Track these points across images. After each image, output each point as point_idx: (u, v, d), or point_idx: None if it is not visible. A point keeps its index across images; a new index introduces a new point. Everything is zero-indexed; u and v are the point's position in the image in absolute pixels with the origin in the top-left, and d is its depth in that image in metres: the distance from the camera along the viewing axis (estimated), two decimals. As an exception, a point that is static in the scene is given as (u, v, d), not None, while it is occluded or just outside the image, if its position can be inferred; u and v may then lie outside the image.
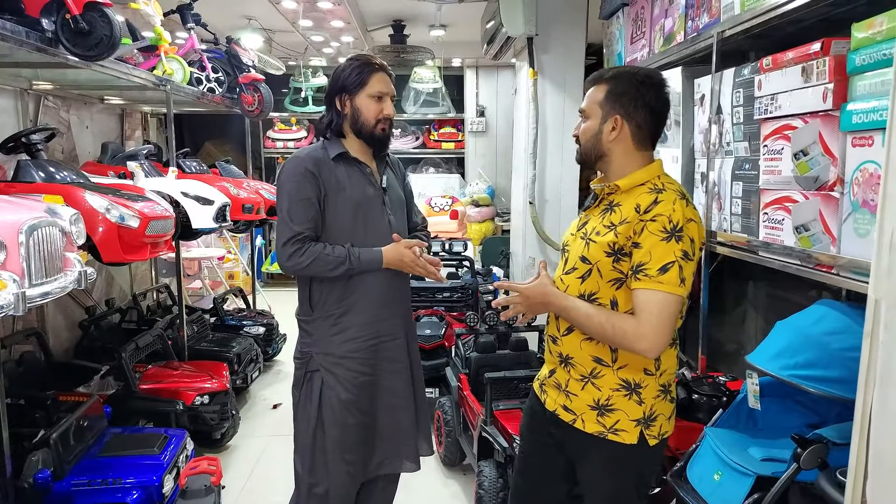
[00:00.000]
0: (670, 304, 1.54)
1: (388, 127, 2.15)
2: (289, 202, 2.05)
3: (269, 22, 5.62)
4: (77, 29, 2.48)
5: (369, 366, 2.12)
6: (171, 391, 3.34)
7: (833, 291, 2.45)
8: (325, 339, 2.11)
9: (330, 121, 2.15)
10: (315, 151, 2.12)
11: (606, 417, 1.68)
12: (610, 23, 3.74)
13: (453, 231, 6.53)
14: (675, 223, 1.55)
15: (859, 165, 1.56)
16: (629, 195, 1.66)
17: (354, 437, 2.11)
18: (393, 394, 2.16)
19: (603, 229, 1.65)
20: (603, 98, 1.69)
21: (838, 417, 2.00)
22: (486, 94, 7.94)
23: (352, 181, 2.10)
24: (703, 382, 2.44)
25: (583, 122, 1.75)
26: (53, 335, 3.90)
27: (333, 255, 2.03)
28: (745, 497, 1.82)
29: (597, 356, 1.69)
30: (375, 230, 2.12)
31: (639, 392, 1.67)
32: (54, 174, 2.77)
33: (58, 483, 2.37)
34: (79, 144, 4.31)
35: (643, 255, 1.56)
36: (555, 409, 1.79)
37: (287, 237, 2.03)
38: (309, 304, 2.14)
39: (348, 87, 2.11)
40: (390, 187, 2.22)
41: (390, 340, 2.16)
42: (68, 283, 2.15)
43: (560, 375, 1.78)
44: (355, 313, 2.10)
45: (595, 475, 1.77)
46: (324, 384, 2.10)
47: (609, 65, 3.83)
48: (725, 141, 2.31)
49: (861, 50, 1.53)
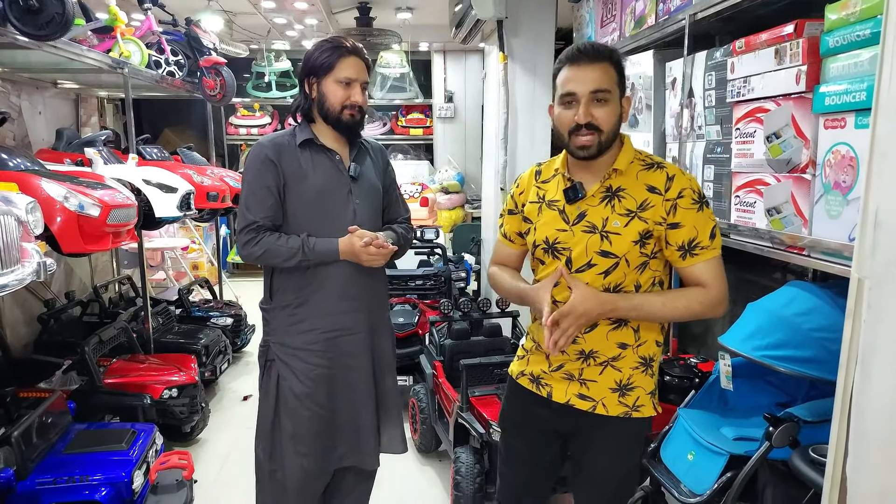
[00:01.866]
0: (722, 264, 1.62)
1: (356, 114, 2.07)
2: (247, 190, 2.02)
3: (231, 3, 5.47)
4: (27, 6, 2.37)
5: (326, 359, 2.06)
6: (137, 385, 3.25)
7: (798, 273, 2.50)
8: (281, 329, 2.07)
9: (298, 104, 2.10)
10: (281, 137, 2.07)
11: (628, 397, 1.68)
12: (580, 6, 3.73)
13: (424, 218, 6.50)
14: (697, 191, 1.59)
15: (831, 147, 1.58)
16: (627, 176, 1.62)
17: (308, 429, 2.06)
18: (352, 389, 2.10)
19: (621, 219, 1.59)
20: (616, 78, 1.58)
21: (807, 396, 2.05)
22: (455, 79, 7.88)
23: (316, 169, 2.04)
24: (674, 364, 2.47)
25: (602, 106, 1.55)
26: (11, 330, 3.76)
27: (287, 245, 1.98)
28: (718, 476, 1.85)
29: (622, 342, 1.66)
30: (339, 219, 2.05)
31: (651, 365, 1.70)
32: (7, 161, 2.65)
33: (21, 482, 2.29)
34: (31, 131, 4.14)
35: (689, 231, 1.57)
36: (567, 399, 1.71)
37: (242, 226, 2.00)
38: (269, 293, 2.10)
39: (316, 70, 2.03)
40: (362, 176, 2.14)
41: (349, 335, 2.09)
42: (26, 275, 2.06)
43: (572, 367, 1.70)
44: (313, 305, 2.05)
45: (612, 457, 1.74)
46: (280, 375, 2.06)
47: (578, 49, 3.82)
48: (697, 125, 2.32)
49: (834, 31, 1.54)
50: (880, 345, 0.98)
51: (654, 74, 2.59)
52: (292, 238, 2.00)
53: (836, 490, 1.06)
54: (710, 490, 1.83)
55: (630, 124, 2.85)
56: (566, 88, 1.57)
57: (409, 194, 6.94)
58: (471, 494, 2.64)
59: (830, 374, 1.64)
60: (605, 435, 1.72)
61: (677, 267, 1.63)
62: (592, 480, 1.80)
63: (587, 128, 1.55)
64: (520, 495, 1.94)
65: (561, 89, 1.59)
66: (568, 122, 1.58)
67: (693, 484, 1.92)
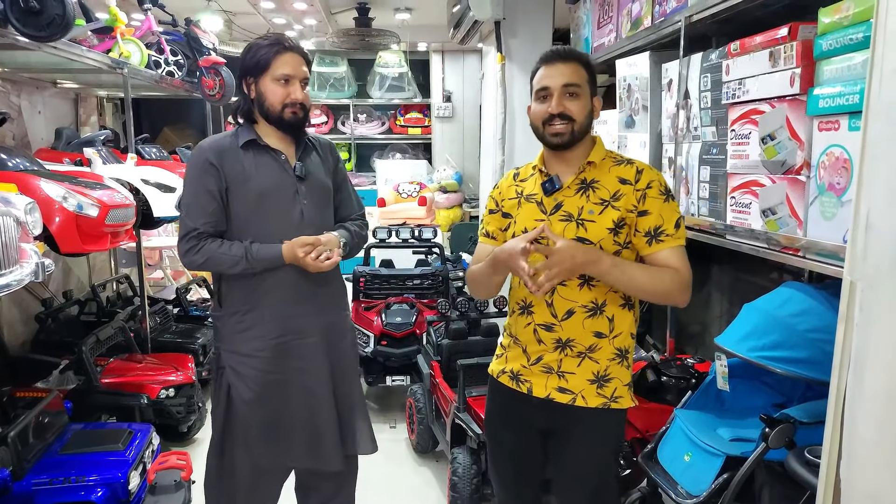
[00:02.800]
0: (686, 255, 1.70)
1: (299, 111, 1.99)
2: (187, 196, 1.97)
3: (230, 3, 5.47)
4: (27, 8, 2.37)
5: (276, 364, 2.01)
6: (134, 385, 3.25)
7: (794, 273, 2.51)
8: (230, 336, 2.03)
9: (237, 106, 2.04)
10: (222, 139, 2.01)
11: (605, 388, 1.72)
12: (577, 7, 3.74)
13: (422, 217, 6.49)
14: (663, 184, 1.71)
15: (825, 149, 1.59)
16: (600, 169, 1.73)
17: (258, 433, 2.03)
18: (309, 393, 2.05)
19: (595, 207, 1.68)
20: (587, 77, 1.72)
21: (803, 397, 2.05)
22: (453, 78, 7.89)
23: (259, 170, 1.98)
24: (671, 365, 2.48)
25: (574, 100, 1.68)
26: (8, 329, 3.76)
27: (229, 253, 1.93)
28: (714, 477, 1.85)
29: (598, 331, 1.71)
30: (286, 221, 1.99)
31: (627, 356, 1.76)
32: (6, 161, 2.65)
33: (17, 483, 2.29)
34: (31, 130, 4.14)
35: (655, 219, 1.67)
36: (547, 394, 1.74)
37: (182, 233, 1.95)
38: (218, 300, 2.07)
39: (252, 70, 1.97)
40: (309, 175, 2.06)
41: (300, 339, 2.04)
42: (25, 276, 2.06)
43: (550, 359, 1.74)
44: (261, 310, 2.00)
45: (591, 449, 1.78)
46: (230, 384, 2.03)
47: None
48: (693, 126, 2.32)
49: (828, 35, 1.54)
50: (873, 347, 0.98)
51: (651, 76, 2.60)
52: (235, 245, 1.95)
53: (830, 491, 1.07)
54: (706, 491, 1.84)
55: (626, 125, 2.86)
56: (541, 84, 1.71)
57: (407, 193, 6.94)
58: (467, 495, 2.65)
59: (826, 374, 1.64)
60: (585, 428, 1.75)
61: (644, 255, 1.70)
62: (573, 475, 1.81)
63: (560, 118, 1.68)
64: (515, 492, 1.95)
65: (537, 86, 1.73)
66: (542, 114, 1.71)
67: (690, 485, 1.93)
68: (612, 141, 3.10)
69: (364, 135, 8.07)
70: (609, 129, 3.15)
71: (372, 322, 3.93)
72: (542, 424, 1.81)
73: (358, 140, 8.14)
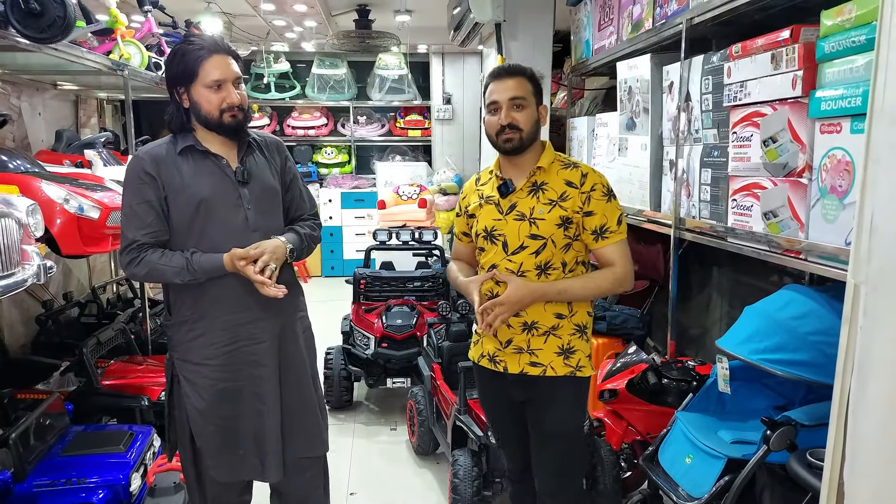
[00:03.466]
0: (627, 246, 1.94)
1: (238, 114, 1.92)
2: (125, 208, 1.90)
3: (230, 5, 5.47)
4: (28, 9, 2.36)
5: (229, 371, 1.97)
6: (135, 387, 3.24)
7: (795, 276, 2.51)
8: (182, 344, 1.99)
9: (171, 117, 1.95)
10: (159, 148, 1.94)
11: (570, 359, 1.95)
12: (577, 9, 3.75)
13: (422, 220, 6.49)
14: (606, 185, 1.93)
15: (827, 152, 1.59)
16: (549, 173, 1.94)
17: (213, 443, 1.99)
18: (259, 399, 2.00)
19: (544, 207, 1.90)
20: (532, 89, 1.92)
21: (804, 400, 2.06)
22: (453, 81, 7.89)
23: (198, 177, 1.91)
24: (672, 367, 2.48)
25: (520, 111, 1.89)
26: (8, 331, 3.75)
27: (170, 264, 1.87)
28: (716, 479, 1.86)
29: (558, 312, 1.94)
30: (229, 229, 1.92)
31: (585, 331, 2.00)
32: (7, 163, 2.64)
33: (19, 485, 2.28)
34: (31, 132, 4.13)
35: (599, 218, 1.89)
36: (520, 369, 1.96)
37: (123, 245, 1.90)
38: (168, 308, 2.03)
39: (180, 79, 1.89)
40: (252, 178, 1.98)
41: (252, 344, 1.98)
42: (27, 277, 2.05)
43: (520, 340, 1.95)
44: (211, 318, 1.95)
45: (564, 413, 1.99)
46: (184, 392, 1.99)
47: (577, 52, 3.84)
48: (694, 128, 2.33)
49: (830, 37, 1.55)
50: (876, 350, 0.99)
51: (652, 78, 2.61)
52: (176, 255, 1.89)
53: (833, 494, 1.07)
54: (707, 493, 1.84)
55: (627, 127, 2.87)
56: (491, 98, 1.93)
57: (407, 195, 6.95)
58: (468, 497, 2.64)
59: (827, 377, 1.65)
60: (555, 395, 1.97)
61: (591, 248, 1.95)
62: (545, 438, 2.00)
63: (509, 128, 1.89)
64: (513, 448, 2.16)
65: (487, 100, 1.94)
66: (494, 126, 1.92)
67: (691, 487, 1.93)
68: (612, 143, 3.11)
69: (364, 137, 8.07)
70: (609, 131, 3.15)
71: (372, 324, 3.93)
72: (518, 397, 2.03)
73: (358, 142, 8.14)
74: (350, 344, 3.99)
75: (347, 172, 8.17)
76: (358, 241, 7.74)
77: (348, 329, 4.05)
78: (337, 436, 3.75)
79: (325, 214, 7.76)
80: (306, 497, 2.17)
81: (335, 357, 4.03)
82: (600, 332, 3.28)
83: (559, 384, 1.96)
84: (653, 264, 3.34)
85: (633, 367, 2.56)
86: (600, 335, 3.28)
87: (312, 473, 2.16)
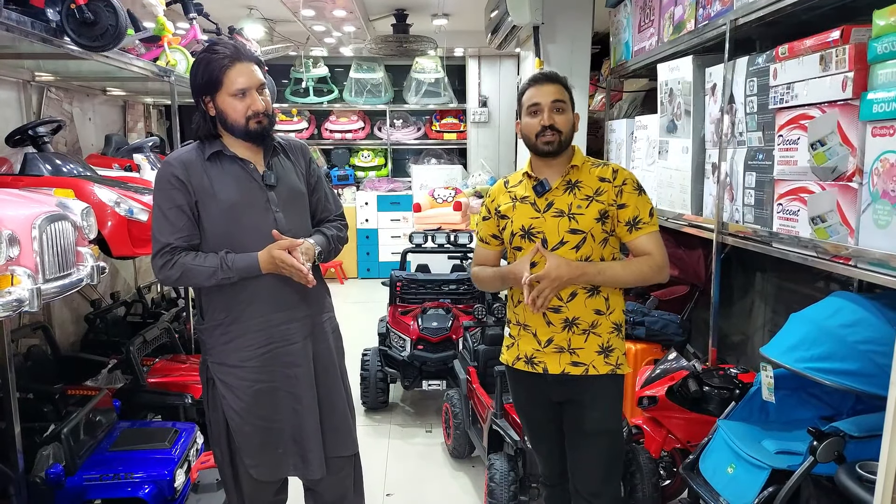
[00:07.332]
0: (661, 238, 1.99)
1: (263, 120, 1.95)
2: (157, 213, 1.93)
3: (271, 11, 5.58)
4: (82, 19, 2.45)
5: (265, 373, 2.00)
6: (179, 385, 3.32)
7: (841, 282, 2.44)
8: (216, 348, 2.01)
9: (198, 126, 1.98)
10: (188, 153, 1.97)
11: (610, 357, 1.99)
12: (617, 11, 3.71)
13: (457, 222, 6.50)
14: (635, 180, 2.00)
15: (879, 155, 1.55)
16: (582, 172, 2.01)
17: (252, 441, 2.02)
18: (296, 399, 2.04)
19: (582, 202, 1.96)
20: (569, 96, 2.01)
21: (853, 410, 2.00)
22: (489, 83, 7.89)
23: (228, 182, 1.95)
24: (713, 374, 2.43)
25: (560, 114, 1.96)
26: (59, 329, 3.89)
27: (204, 265, 1.90)
28: (759, 490, 1.82)
29: (597, 309, 1.98)
30: (259, 231, 1.94)
31: (622, 330, 2.04)
32: (61, 167, 2.75)
33: (70, 478, 2.37)
34: (82, 136, 4.28)
35: (632, 210, 1.95)
36: (561, 370, 1.98)
37: (156, 250, 1.93)
38: (201, 312, 2.05)
39: (205, 88, 1.92)
40: (280, 181, 2.02)
41: (286, 345, 2.01)
42: (82, 278, 2.13)
43: (560, 339, 1.98)
44: (244, 321, 1.98)
45: (606, 412, 2.01)
46: (221, 394, 2.02)
47: (616, 54, 3.80)
48: (738, 131, 2.29)
49: (883, 38, 1.50)
50: (932, 360, 0.95)
51: (694, 80, 2.57)
52: (210, 256, 1.91)
53: (884, 508, 1.03)
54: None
55: (668, 130, 2.83)
56: (532, 101, 1.99)
57: (442, 198, 6.97)
58: (505, 502, 2.64)
59: (878, 388, 1.60)
60: (597, 394, 1.99)
61: (626, 241, 1.99)
62: (588, 437, 2.00)
63: (551, 129, 1.95)
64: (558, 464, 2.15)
65: (527, 103, 2.00)
66: (535, 127, 1.97)
67: (733, 498, 1.89)
68: (652, 146, 3.07)
69: (400, 140, 8.13)
70: (650, 133, 3.12)
71: (409, 326, 3.95)
72: (557, 398, 2.05)
73: (394, 145, 8.20)
74: (386, 345, 4.02)
75: (384, 175, 8.24)
76: (393, 244, 7.79)
77: (384, 331, 4.09)
78: (373, 437, 3.78)
79: (361, 217, 7.84)
80: (342, 496, 2.19)
81: (371, 358, 4.07)
82: (639, 338, 3.23)
83: (601, 383, 1.99)
84: (693, 269, 3.29)
85: (672, 373, 2.52)
86: (639, 341, 3.23)
87: (346, 472, 2.19)
